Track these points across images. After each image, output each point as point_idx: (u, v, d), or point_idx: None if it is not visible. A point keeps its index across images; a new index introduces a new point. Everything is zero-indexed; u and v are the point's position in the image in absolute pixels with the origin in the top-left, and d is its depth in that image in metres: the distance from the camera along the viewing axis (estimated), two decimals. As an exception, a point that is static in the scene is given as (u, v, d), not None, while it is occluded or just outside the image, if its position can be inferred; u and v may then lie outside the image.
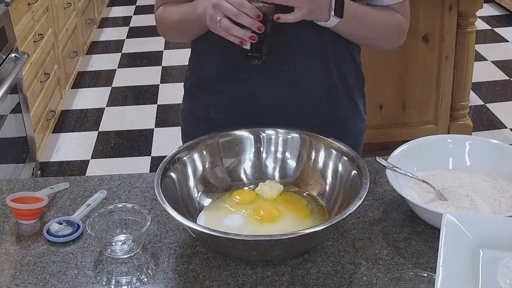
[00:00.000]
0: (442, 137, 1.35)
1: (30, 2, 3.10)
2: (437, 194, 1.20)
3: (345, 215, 1.05)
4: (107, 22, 5.46)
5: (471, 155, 1.30)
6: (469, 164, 1.29)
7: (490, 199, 1.18)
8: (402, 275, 1.00)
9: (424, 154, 1.29)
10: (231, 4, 1.18)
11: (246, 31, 1.19)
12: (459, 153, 1.30)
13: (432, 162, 1.29)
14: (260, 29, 1.18)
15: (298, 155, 1.29)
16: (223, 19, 1.19)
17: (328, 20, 1.24)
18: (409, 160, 1.26)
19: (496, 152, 1.28)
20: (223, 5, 1.18)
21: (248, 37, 1.19)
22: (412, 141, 1.31)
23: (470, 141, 1.32)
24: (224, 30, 1.20)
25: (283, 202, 1.22)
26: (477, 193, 1.20)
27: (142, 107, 3.93)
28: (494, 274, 0.93)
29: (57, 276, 1.10)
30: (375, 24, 1.33)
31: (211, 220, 1.18)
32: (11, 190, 1.33)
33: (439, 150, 1.30)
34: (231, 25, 1.19)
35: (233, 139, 1.30)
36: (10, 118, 2.68)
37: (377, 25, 1.34)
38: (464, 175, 1.25)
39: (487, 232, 0.98)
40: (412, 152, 1.29)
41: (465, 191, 1.20)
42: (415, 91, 3.04)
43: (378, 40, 1.38)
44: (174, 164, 1.21)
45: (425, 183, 1.22)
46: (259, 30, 1.18)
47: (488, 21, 4.96)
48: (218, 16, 1.20)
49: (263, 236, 1.05)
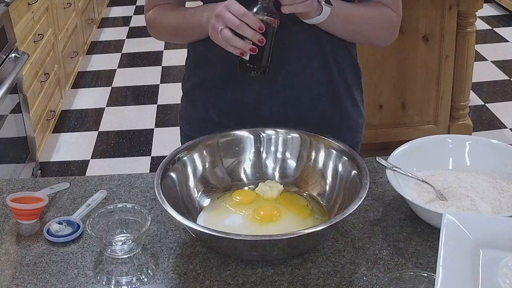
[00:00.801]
0: (442, 137, 1.35)
1: (30, 2, 3.10)
2: (437, 194, 1.21)
3: (345, 215, 1.05)
4: (107, 22, 5.46)
5: (471, 155, 1.30)
6: (469, 164, 1.29)
7: (490, 199, 1.18)
8: (402, 275, 1.00)
9: (424, 154, 1.29)
10: (234, 14, 1.17)
11: (247, 42, 1.17)
12: (459, 153, 1.30)
13: (432, 162, 1.29)
14: (261, 41, 1.17)
15: (298, 155, 1.29)
16: (224, 29, 1.18)
17: (320, 13, 1.23)
18: (409, 160, 1.27)
19: (496, 152, 1.28)
20: (225, 15, 1.17)
21: (248, 48, 1.18)
22: (412, 141, 1.31)
23: (470, 141, 1.32)
24: (225, 40, 1.19)
25: (283, 202, 1.22)
26: (477, 193, 1.20)
27: (142, 107, 3.93)
28: (494, 274, 0.93)
29: (57, 276, 1.10)
30: (365, 19, 1.33)
31: (211, 220, 1.18)
32: (11, 190, 1.33)
33: (439, 150, 1.30)
34: (232, 35, 1.17)
35: (233, 139, 1.30)
36: (10, 118, 2.68)
37: (366, 20, 1.33)
38: (464, 175, 1.25)
39: (487, 232, 0.98)
40: (412, 152, 1.29)
41: (465, 191, 1.21)
42: (415, 91, 3.04)
43: (369, 35, 1.37)
44: (174, 164, 1.21)
45: (425, 183, 1.22)
46: (260, 42, 1.17)
47: (488, 21, 4.96)
48: (220, 26, 1.18)
49: (263, 236, 1.05)
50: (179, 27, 1.36)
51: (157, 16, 1.39)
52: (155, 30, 1.43)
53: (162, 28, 1.40)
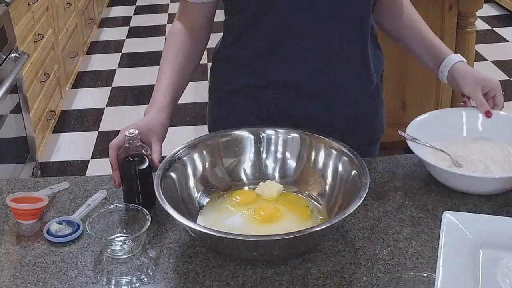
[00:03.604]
0: (456, 109, 1.45)
1: (30, 2, 3.10)
2: (453, 161, 1.30)
3: (345, 215, 1.05)
4: (107, 22, 5.46)
5: (484, 124, 1.40)
6: (480, 131, 1.39)
7: (501, 163, 1.29)
8: (402, 275, 1.01)
9: (439, 125, 1.40)
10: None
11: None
12: (472, 124, 1.40)
13: (447, 132, 1.39)
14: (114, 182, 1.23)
15: (298, 155, 1.29)
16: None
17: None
18: (426, 131, 1.37)
19: (505, 122, 1.38)
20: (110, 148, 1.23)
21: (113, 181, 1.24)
22: (428, 113, 1.42)
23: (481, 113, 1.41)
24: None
25: (283, 202, 1.22)
26: (487, 158, 1.30)
27: (142, 107, 3.87)
28: (494, 274, 0.93)
29: (57, 276, 1.10)
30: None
31: (212, 221, 1.18)
32: (11, 190, 1.33)
33: (453, 121, 1.41)
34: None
35: (233, 139, 1.30)
36: (10, 118, 2.68)
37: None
38: (474, 144, 1.35)
39: (487, 232, 0.99)
40: (428, 123, 1.39)
41: (477, 157, 1.31)
42: (415, 91, 3.03)
43: None
44: (174, 164, 1.21)
45: (442, 151, 1.32)
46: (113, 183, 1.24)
47: (488, 21, 4.96)
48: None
49: (263, 236, 1.05)
50: (158, 72, 1.38)
51: (166, 42, 1.41)
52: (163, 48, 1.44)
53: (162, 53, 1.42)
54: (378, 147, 1.55)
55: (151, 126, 1.26)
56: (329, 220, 1.10)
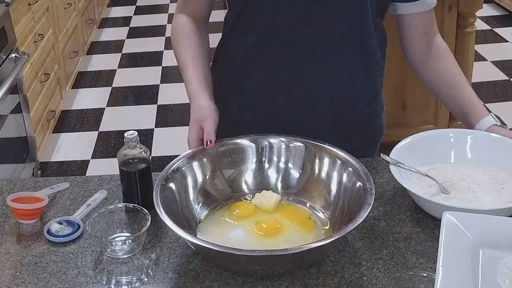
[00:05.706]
0: (444, 131, 1.37)
1: (30, 2, 3.10)
2: (440, 188, 1.21)
3: (357, 223, 1.03)
4: (107, 22, 5.46)
5: (473, 149, 1.32)
6: (470, 158, 1.31)
7: (491, 191, 1.20)
8: (402, 275, 1.01)
9: (426, 148, 1.31)
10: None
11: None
12: (460, 147, 1.32)
13: (434, 156, 1.30)
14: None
15: (301, 165, 1.25)
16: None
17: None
18: (412, 154, 1.28)
19: (496, 145, 1.29)
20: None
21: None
22: (414, 135, 1.33)
23: (471, 135, 1.33)
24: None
25: (283, 213, 1.19)
26: (478, 185, 1.22)
27: (142, 107, 3.93)
28: (494, 274, 0.93)
29: (57, 276, 1.10)
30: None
31: (213, 236, 1.14)
32: (11, 190, 1.34)
33: (441, 144, 1.33)
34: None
35: (234, 148, 1.27)
36: (10, 118, 2.68)
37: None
38: (464, 169, 1.27)
39: (487, 232, 0.98)
40: (414, 146, 1.30)
41: (466, 184, 1.22)
42: (415, 92, 3.03)
43: None
44: (174, 175, 1.18)
45: (428, 177, 1.23)
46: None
47: (488, 21, 4.96)
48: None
49: (275, 251, 1.00)
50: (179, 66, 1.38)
51: (174, 35, 1.41)
52: (172, 43, 1.43)
53: (174, 49, 1.41)
54: (378, 147, 1.54)
55: (206, 115, 1.26)
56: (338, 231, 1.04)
